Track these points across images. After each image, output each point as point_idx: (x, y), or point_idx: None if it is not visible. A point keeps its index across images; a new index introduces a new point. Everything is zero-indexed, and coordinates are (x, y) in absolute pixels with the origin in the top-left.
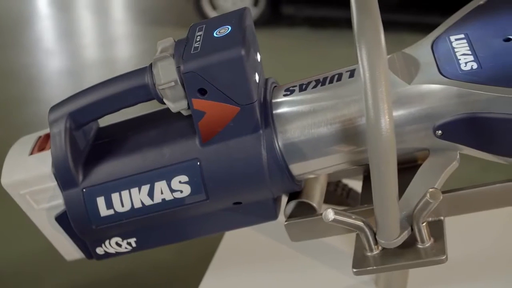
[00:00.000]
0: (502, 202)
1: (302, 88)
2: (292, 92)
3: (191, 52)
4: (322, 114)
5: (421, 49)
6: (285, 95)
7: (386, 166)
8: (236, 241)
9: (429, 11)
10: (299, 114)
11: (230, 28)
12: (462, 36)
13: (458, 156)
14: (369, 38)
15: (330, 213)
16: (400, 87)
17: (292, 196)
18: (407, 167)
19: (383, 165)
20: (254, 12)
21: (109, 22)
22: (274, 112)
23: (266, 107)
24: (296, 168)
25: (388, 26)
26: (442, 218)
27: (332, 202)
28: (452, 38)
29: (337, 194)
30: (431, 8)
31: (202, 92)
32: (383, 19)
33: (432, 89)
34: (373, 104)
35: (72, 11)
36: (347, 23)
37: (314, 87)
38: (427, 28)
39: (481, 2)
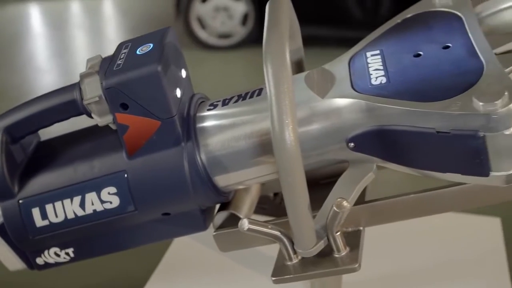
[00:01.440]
0: (420, 212)
1: (225, 103)
2: (215, 106)
3: (114, 68)
4: (241, 128)
5: (339, 64)
6: (208, 110)
7: (293, 177)
8: (180, 252)
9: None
10: (220, 128)
11: (151, 45)
12: (378, 52)
13: (374, 168)
14: (274, 56)
15: (244, 223)
16: (314, 101)
17: (221, 207)
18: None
19: (289, 176)
20: (243, 31)
21: (102, 41)
22: (197, 126)
23: (189, 121)
24: (221, 180)
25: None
26: (361, 228)
27: (276, 213)
28: (368, 54)
29: (275, 203)
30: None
31: (124, 106)
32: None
33: (343, 103)
34: (277, 117)
35: (65, 30)
36: (334, 42)
37: (236, 101)
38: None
39: (399, 21)
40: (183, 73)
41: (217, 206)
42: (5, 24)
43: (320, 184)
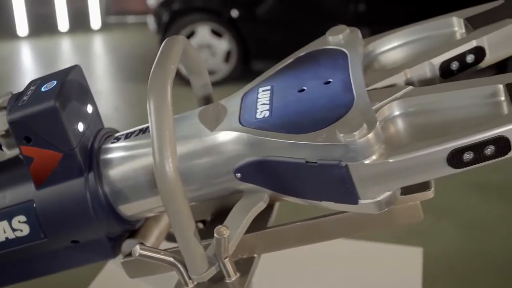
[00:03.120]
0: (310, 239)
1: (127, 136)
2: (118, 139)
3: (19, 104)
4: (139, 160)
5: (233, 99)
6: (112, 142)
7: (175, 206)
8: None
9: None
10: (121, 160)
11: (55, 83)
12: (269, 87)
13: (265, 197)
14: (156, 94)
15: (136, 249)
16: (204, 135)
17: (130, 235)
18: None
19: (171, 205)
20: (226, 68)
21: (90, 77)
22: (101, 157)
23: (92, 153)
24: (125, 209)
25: None
26: (255, 255)
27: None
28: (260, 89)
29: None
30: None
31: (28, 139)
32: None
33: (230, 136)
34: (157, 151)
35: (55, 67)
36: None
37: (137, 135)
38: None
39: (294, 58)
40: (89, 109)
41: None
42: None
43: None
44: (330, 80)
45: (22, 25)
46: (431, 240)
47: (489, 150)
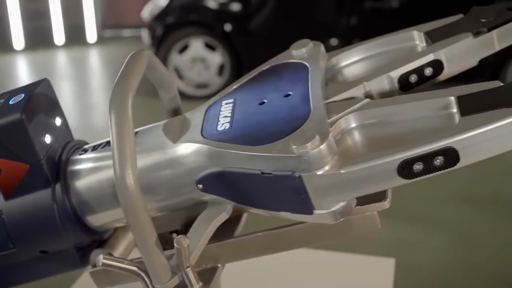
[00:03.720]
0: (273, 248)
1: (95, 148)
2: (86, 151)
3: None
4: (104, 171)
5: (198, 112)
6: (80, 154)
7: (135, 216)
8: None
9: None
10: (87, 171)
11: (23, 96)
12: (232, 100)
13: (228, 208)
14: (117, 107)
15: (99, 259)
16: (167, 147)
17: (98, 245)
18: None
19: (132, 216)
20: (219, 81)
21: (86, 91)
22: (68, 169)
23: (59, 164)
24: (92, 220)
25: None
26: (218, 265)
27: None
28: (224, 102)
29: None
30: None
31: None
32: None
33: (191, 147)
34: (118, 163)
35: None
36: None
37: (104, 146)
38: None
39: (259, 71)
40: (58, 121)
41: None
42: None
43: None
44: (290, 93)
45: (18, 39)
46: (420, 252)
47: (438, 161)
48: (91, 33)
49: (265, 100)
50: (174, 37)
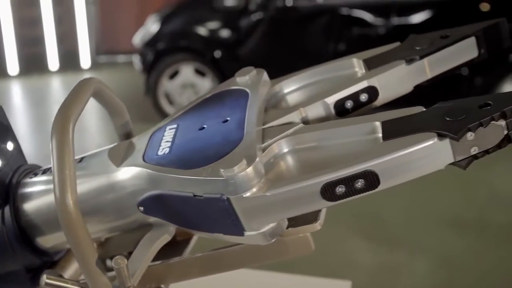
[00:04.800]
0: (212, 269)
1: (45, 171)
2: (36, 175)
3: None
4: (52, 194)
5: (143, 137)
6: (30, 177)
7: (75, 238)
8: None
9: None
10: (36, 194)
11: None
12: (175, 126)
13: (171, 230)
14: (58, 133)
15: (42, 279)
16: (111, 171)
17: (49, 266)
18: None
19: (72, 237)
20: None
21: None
22: (19, 191)
23: (9, 187)
24: (43, 241)
25: None
26: (162, 286)
27: None
28: (168, 127)
29: None
30: None
31: None
32: None
33: (133, 171)
34: (58, 187)
35: (44, 106)
36: None
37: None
38: None
39: (204, 98)
40: (9, 146)
41: None
42: None
43: None
44: (228, 118)
45: (12, 64)
46: (404, 276)
47: (360, 183)
48: (85, 59)
49: (205, 126)
50: (164, 63)
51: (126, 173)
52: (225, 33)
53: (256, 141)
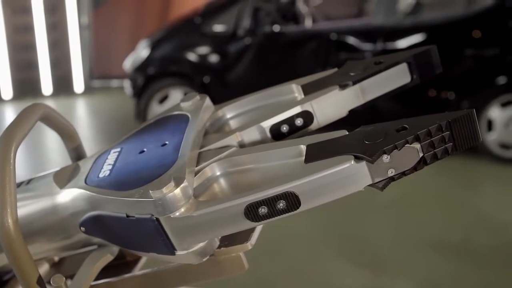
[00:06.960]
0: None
1: None
2: None
3: None
4: None
5: (89, 160)
6: None
7: (15, 259)
8: None
9: None
10: None
11: None
12: (119, 149)
13: (114, 250)
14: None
15: None
16: (54, 192)
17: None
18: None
19: (13, 259)
20: None
21: None
22: None
23: None
24: None
25: None
26: None
27: None
28: (112, 151)
29: None
30: None
31: None
32: None
33: (74, 193)
34: None
35: (37, 129)
36: None
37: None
38: None
39: (148, 123)
40: None
41: None
42: None
43: None
44: (167, 142)
45: (6, 89)
46: None
47: (281, 204)
48: (78, 84)
49: (145, 149)
50: (154, 87)
51: (68, 195)
52: (214, 58)
53: (188, 164)
